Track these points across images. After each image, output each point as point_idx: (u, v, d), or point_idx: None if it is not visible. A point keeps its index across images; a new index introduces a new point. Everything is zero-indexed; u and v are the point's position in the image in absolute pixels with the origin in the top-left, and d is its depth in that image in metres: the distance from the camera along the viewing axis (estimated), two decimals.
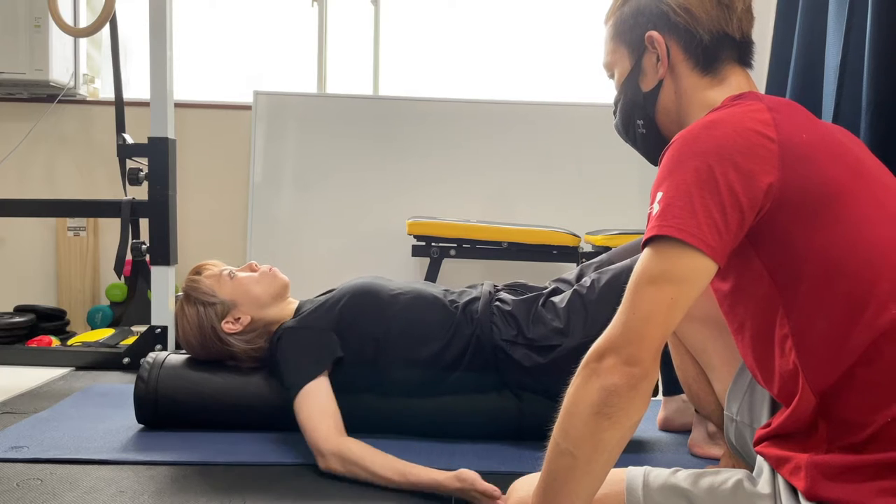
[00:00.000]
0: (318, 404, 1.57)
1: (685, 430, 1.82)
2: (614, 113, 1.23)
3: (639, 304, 0.91)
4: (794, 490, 0.96)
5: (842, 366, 0.92)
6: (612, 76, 1.21)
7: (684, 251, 0.90)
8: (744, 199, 0.91)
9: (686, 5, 1.10)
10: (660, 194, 0.94)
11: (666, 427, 1.88)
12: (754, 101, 1.02)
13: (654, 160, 1.20)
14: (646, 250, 0.93)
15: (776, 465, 1.00)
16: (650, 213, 0.94)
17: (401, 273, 3.25)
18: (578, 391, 0.92)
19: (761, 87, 3.19)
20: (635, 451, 1.72)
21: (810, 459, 0.94)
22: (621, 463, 1.10)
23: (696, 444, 1.69)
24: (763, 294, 0.97)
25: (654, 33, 1.11)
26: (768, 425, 1.04)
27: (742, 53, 1.12)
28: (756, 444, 1.05)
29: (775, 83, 2.94)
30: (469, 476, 1.36)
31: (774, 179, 0.92)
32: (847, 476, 0.91)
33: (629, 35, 1.15)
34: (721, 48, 1.10)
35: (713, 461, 1.63)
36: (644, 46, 1.13)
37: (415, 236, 3.00)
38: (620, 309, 0.92)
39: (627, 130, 1.21)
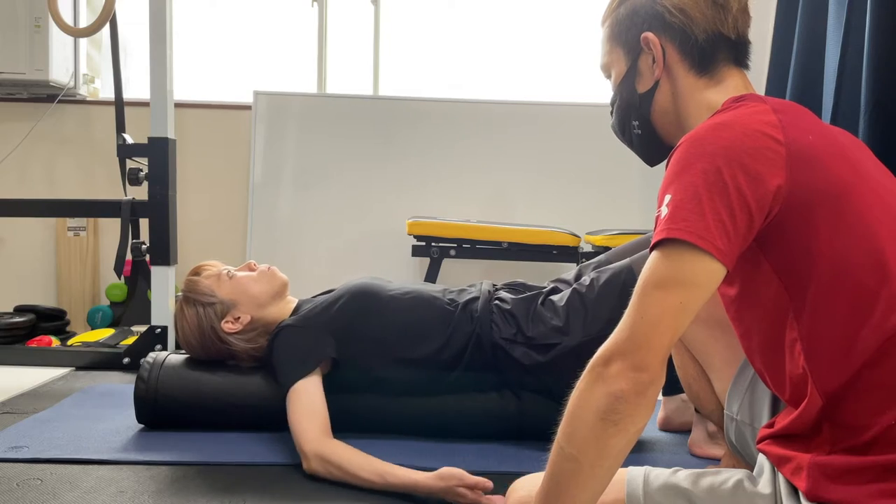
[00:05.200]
0: (305, 404, 1.57)
1: (685, 430, 1.83)
2: (611, 114, 1.22)
3: (647, 309, 0.89)
4: (794, 490, 0.96)
5: (849, 369, 0.91)
6: (609, 77, 1.21)
7: (693, 254, 0.89)
8: (752, 201, 0.91)
9: (681, 6, 1.10)
10: (668, 197, 0.93)
11: (665, 427, 1.88)
12: (759, 103, 1.01)
13: (651, 161, 1.21)
14: (654, 254, 0.92)
15: (778, 464, 1.00)
16: (658, 216, 0.93)
17: (401, 273, 3.26)
18: (583, 396, 0.91)
19: (761, 87, 3.21)
20: (635, 451, 1.72)
21: (812, 460, 0.94)
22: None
23: (696, 444, 1.70)
24: (772, 298, 0.97)
25: (650, 34, 1.11)
26: (771, 424, 1.04)
27: (738, 54, 1.12)
28: (758, 442, 1.05)
29: (775, 83, 2.94)
30: (451, 473, 1.34)
31: (782, 182, 0.92)
32: (849, 477, 0.91)
33: (625, 36, 1.15)
34: (717, 49, 1.10)
35: (713, 461, 1.63)
36: (640, 48, 1.13)
37: (415, 236, 3.00)
38: (627, 312, 0.91)
39: (624, 131, 1.21)
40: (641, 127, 1.17)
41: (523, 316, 1.71)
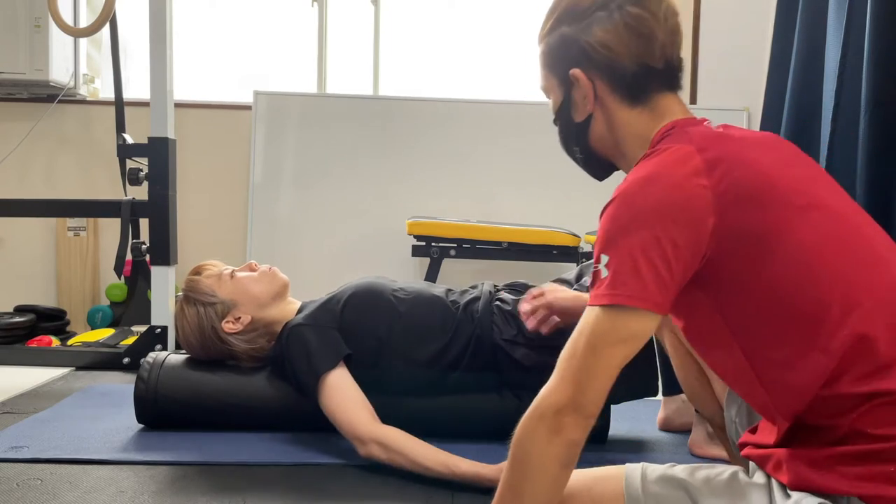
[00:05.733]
0: (345, 394, 1.59)
1: (685, 430, 1.82)
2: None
3: (596, 365, 0.96)
4: (783, 484, 0.99)
5: (808, 392, 0.95)
6: (549, 98, 1.24)
7: (635, 314, 0.95)
8: (685, 251, 0.96)
9: (606, 42, 1.11)
10: (605, 258, 0.98)
11: (666, 427, 1.88)
12: (684, 144, 1.03)
13: (598, 178, 1.28)
14: (596, 312, 0.97)
15: (760, 464, 1.02)
16: (597, 273, 0.99)
17: (401, 273, 3.25)
18: (543, 449, 0.97)
19: (761, 88, 3.20)
20: (635, 451, 1.72)
21: (790, 453, 0.97)
22: (622, 461, 1.11)
23: (696, 445, 1.69)
24: (718, 335, 1.02)
25: (578, 71, 1.13)
26: (754, 430, 1.07)
27: (669, 80, 1.14)
28: (739, 447, 1.09)
29: (775, 83, 2.93)
30: None
31: (713, 224, 0.96)
32: (827, 464, 0.94)
33: (556, 68, 1.17)
34: (646, 80, 1.12)
35: (713, 461, 1.62)
36: (571, 81, 1.15)
37: (415, 236, 3.01)
38: (573, 366, 0.97)
39: (568, 152, 1.26)
40: (582, 152, 1.22)
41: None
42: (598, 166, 1.23)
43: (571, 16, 1.14)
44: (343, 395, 1.59)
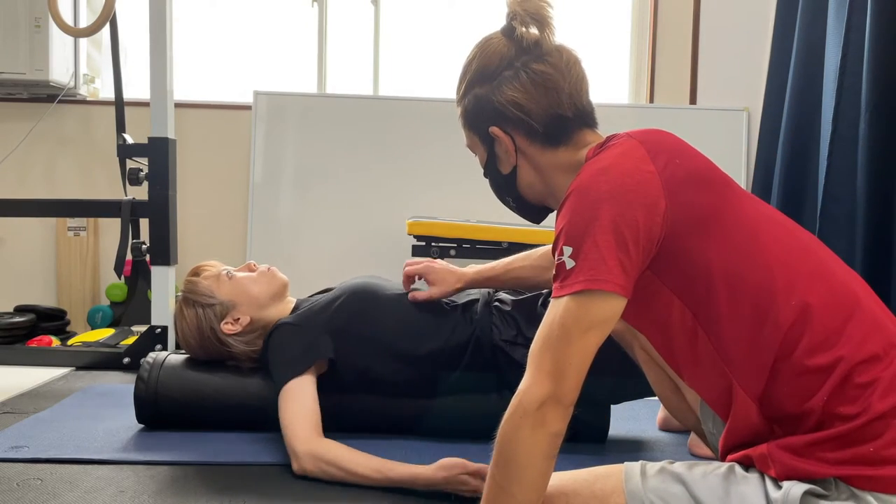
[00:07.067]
0: (297, 403, 1.56)
1: (685, 430, 1.82)
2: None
3: (573, 354, 0.99)
4: (774, 479, 1.02)
5: (765, 367, 1.00)
6: (475, 154, 1.30)
7: (603, 297, 0.99)
8: (643, 233, 1.01)
9: (515, 100, 1.17)
10: (569, 249, 1.01)
11: (666, 427, 1.88)
12: (626, 139, 1.10)
13: (535, 221, 1.33)
14: (565, 301, 1.00)
15: (748, 464, 1.05)
16: (561, 265, 1.02)
17: (401, 273, 3.25)
18: (531, 445, 1.00)
19: (761, 88, 3.21)
20: (635, 451, 1.72)
21: (774, 447, 1.01)
22: (622, 461, 1.12)
23: (696, 444, 1.69)
24: (678, 320, 1.06)
25: (496, 129, 1.20)
26: (727, 437, 1.09)
27: (583, 121, 1.20)
28: (722, 456, 1.11)
29: (775, 83, 2.94)
30: (453, 462, 1.35)
31: (664, 207, 1.02)
32: (809, 451, 0.98)
33: (476, 128, 1.24)
34: (561, 127, 1.18)
35: (712, 460, 1.62)
36: (491, 138, 1.22)
37: (415, 236, 3.00)
38: (548, 358, 1.00)
39: (502, 201, 1.31)
40: (515, 201, 1.28)
41: (524, 317, 1.71)
42: (532, 211, 1.30)
43: (481, 77, 1.22)
44: (291, 406, 1.55)
